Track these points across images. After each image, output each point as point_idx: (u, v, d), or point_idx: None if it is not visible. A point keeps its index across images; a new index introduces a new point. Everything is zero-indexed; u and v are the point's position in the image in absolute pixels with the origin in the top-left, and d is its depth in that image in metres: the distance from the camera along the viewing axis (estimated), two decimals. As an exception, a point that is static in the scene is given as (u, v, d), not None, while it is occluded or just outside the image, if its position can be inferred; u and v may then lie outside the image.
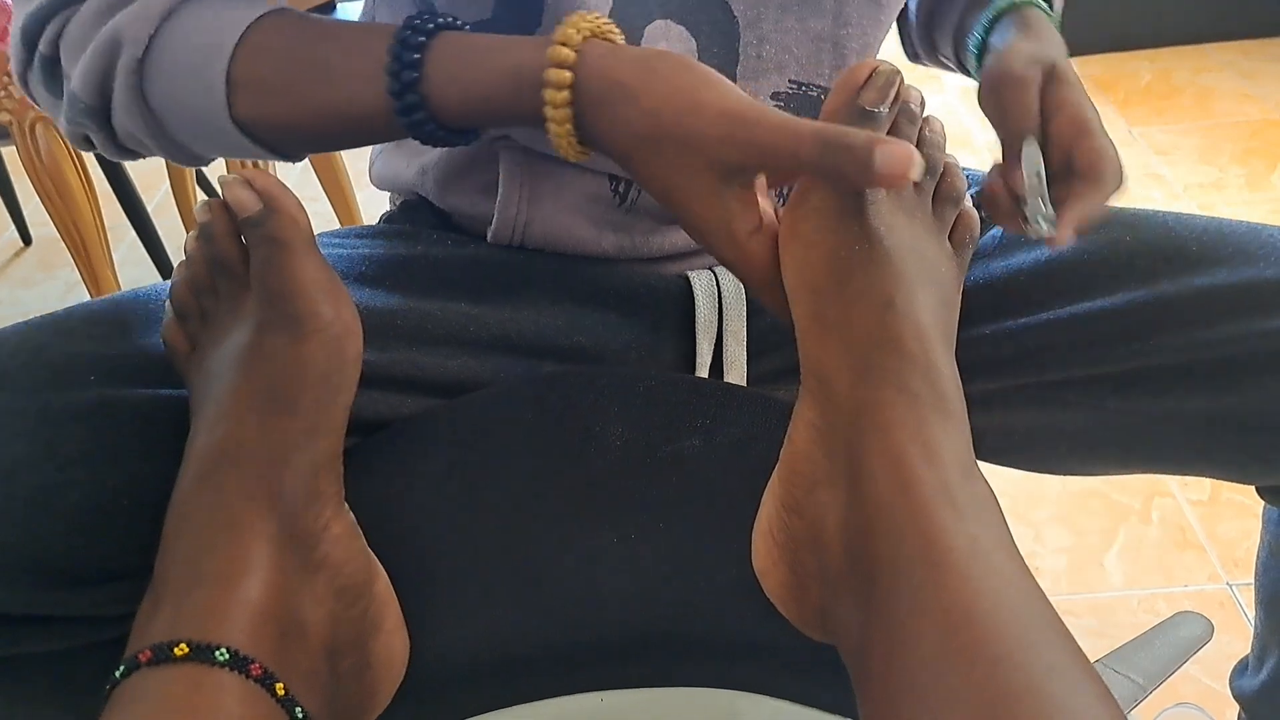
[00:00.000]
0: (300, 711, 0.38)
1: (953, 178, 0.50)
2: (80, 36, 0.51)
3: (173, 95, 0.51)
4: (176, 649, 0.36)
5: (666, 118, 0.44)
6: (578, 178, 0.62)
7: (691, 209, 0.46)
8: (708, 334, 0.65)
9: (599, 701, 0.49)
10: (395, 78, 0.47)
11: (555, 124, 0.46)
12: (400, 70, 0.47)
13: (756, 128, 0.43)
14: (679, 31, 0.57)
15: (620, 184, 0.63)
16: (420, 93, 0.48)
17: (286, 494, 0.42)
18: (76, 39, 0.51)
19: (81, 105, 0.52)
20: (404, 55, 0.47)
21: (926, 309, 0.45)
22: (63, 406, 0.47)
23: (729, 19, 0.58)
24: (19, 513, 0.44)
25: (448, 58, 0.48)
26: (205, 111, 0.51)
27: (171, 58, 0.50)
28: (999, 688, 0.32)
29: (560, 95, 0.45)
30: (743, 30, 0.59)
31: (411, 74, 0.47)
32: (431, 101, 0.48)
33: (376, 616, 0.44)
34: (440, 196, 0.66)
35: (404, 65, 0.47)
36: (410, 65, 0.47)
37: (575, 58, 0.46)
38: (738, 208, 0.45)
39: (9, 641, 0.45)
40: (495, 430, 0.55)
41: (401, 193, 0.70)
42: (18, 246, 2.11)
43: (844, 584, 0.40)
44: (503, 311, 0.61)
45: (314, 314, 0.45)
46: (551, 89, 0.46)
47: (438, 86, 0.48)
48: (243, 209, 0.46)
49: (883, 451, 0.40)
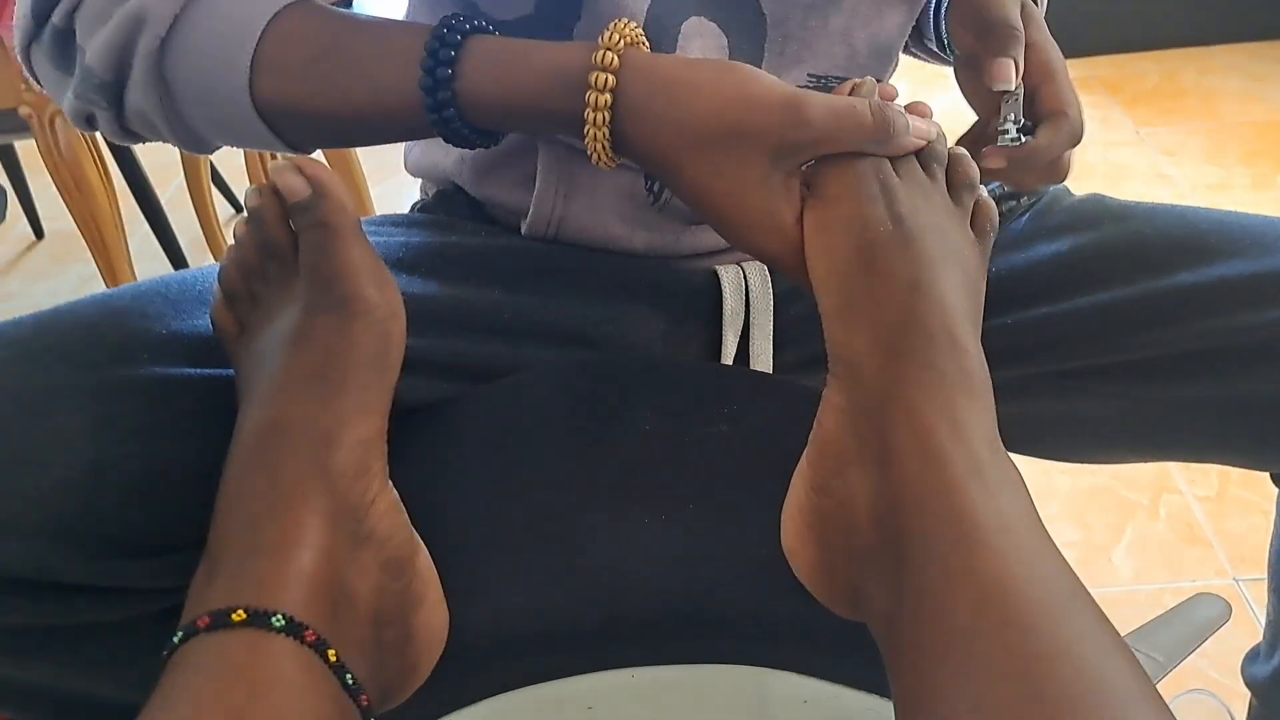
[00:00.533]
0: (350, 678, 0.39)
1: (963, 165, 0.52)
2: (99, 10, 0.50)
3: (194, 75, 0.51)
4: (234, 615, 0.37)
5: (730, 114, 0.46)
6: (615, 175, 0.63)
7: (739, 202, 0.47)
8: (733, 326, 0.66)
9: (630, 678, 0.50)
10: (429, 73, 0.48)
11: (593, 126, 0.47)
12: (435, 66, 0.48)
13: (818, 109, 0.46)
14: (712, 28, 0.59)
15: (655, 182, 0.64)
16: (453, 89, 0.48)
17: (336, 470, 0.43)
18: (95, 12, 0.51)
19: (95, 81, 0.52)
20: (440, 51, 0.48)
21: (952, 290, 0.46)
22: (118, 382, 0.48)
23: (758, 16, 0.60)
24: (77, 483, 0.45)
25: (485, 56, 0.49)
26: (226, 93, 0.51)
27: (196, 37, 0.50)
28: (1031, 654, 0.33)
29: (603, 98, 0.47)
30: (770, 28, 0.60)
31: (446, 70, 0.48)
32: (463, 99, 0.49)
33: (419, 591, 0.45)
34: (476, 186, 0.67)
35: (439, 61, 0.48)
36: (445, 61, 0.48)
37: (619, 61, 0.47)
38: (785, 193, 0.48)
39: (64, 610, 0.46)
40: (527, 414, 0.56)
41: (437, 182, 0.72)
42: (30, 240, 2.12)
43: (874, 561, 0.41)
44: (534, 300, 0.62)
45: (361, 297, 0.46)
46: (594, 90, 0.47)
47: (472, 84, 0.48)
48: (292, 194, 0.48)
49: (911, 430, 0.41)
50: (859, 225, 0.47)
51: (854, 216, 0.47)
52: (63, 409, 0.46)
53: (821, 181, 0.49)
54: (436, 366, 0.59)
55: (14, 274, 2.04)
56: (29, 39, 0.54)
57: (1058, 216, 0.68)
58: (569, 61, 0.48)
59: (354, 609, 0.41)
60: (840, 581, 0.44)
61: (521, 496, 0.52)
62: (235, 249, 0.51)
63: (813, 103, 0.46)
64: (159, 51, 0.50)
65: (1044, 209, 0.69)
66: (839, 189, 0.48)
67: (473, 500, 0.52)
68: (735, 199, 0.47)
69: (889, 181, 0.48)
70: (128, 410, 0.47)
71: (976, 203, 0.51)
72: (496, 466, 0.53)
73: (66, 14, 0.51)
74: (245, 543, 0.40)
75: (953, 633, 0.35)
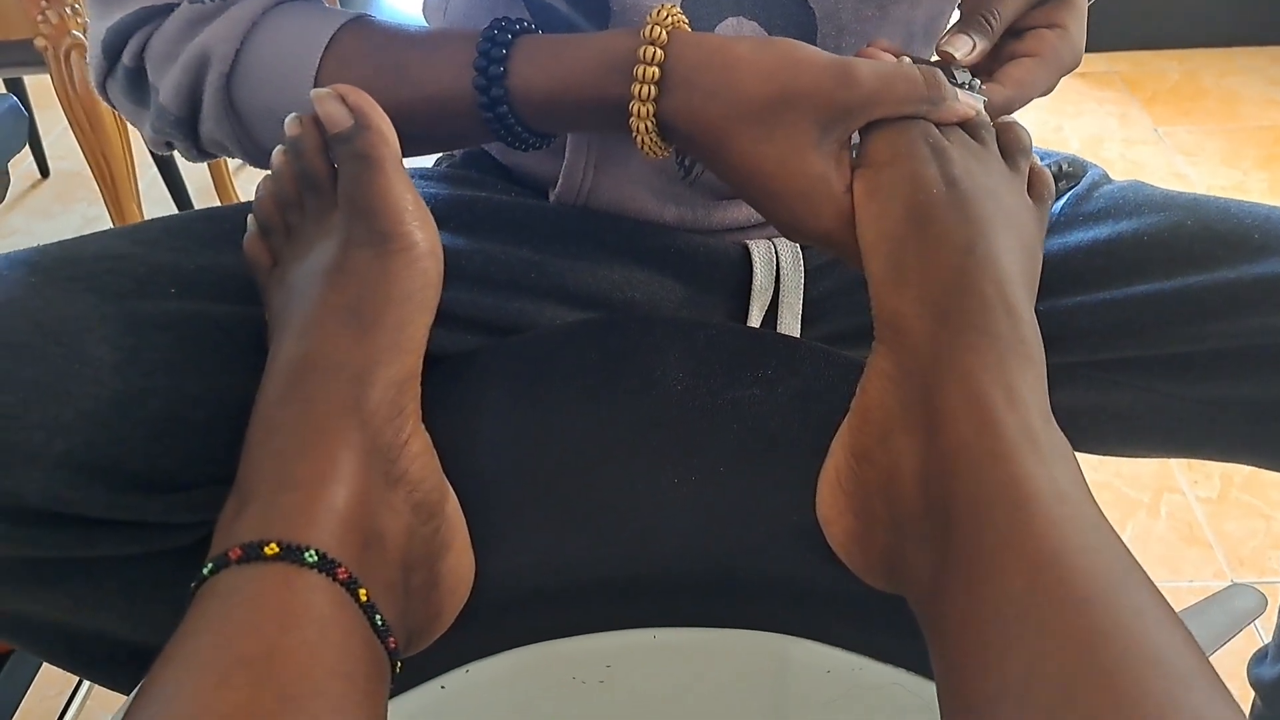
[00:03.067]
0: (380, 619, 0.38)
1: (1014, 132, 0.51)
2: (166, 52, 0.53)
3: (261, 105, 0.53)
4: (267, 548, 0.36)
5: (780, 77, 0.46)
6: None
7: (789, 169, 0.47)
8: (760, 300, 0.66)
9: (651, 638, 0.49)
10: (482, 72, 0.49)
11: (639, 102, 0.47)
12: (487, 65, 0.49)
13: (864, 70, 0.46)
14: (751, 28, 0.58)
15: (685, 157, 0.63)
16: (505, 85, 0.49)
17: (371, 407, 0.42)
18: (162, 54, 0.53)
19: (171, 117, 0.55)
20: (492, 50, 0.49)
21: (1007, 254, 0.45)
22: (145, 315, 0.47)
23: (805, 12, 0.58)
24: (103, 415, 0.44)
25: (536, 50, 0.49)
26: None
27: (259, 70, 0.53)
28: (1089, 626, 0.33)
29: (650, 70, 0.47)
30: (820, 22, 0.58)
31: (498, 68, 0.49)
32: (515, 95, 0.50)
33: (447, 536, 0.45)
34: (503, 152, 0.67)
35: (491, 60, 0.49)
36: (497, 59, 0.49)
37: (667, 36, 0.47)
38: (835, 160, 0.47)
39: (82, 543, 0.45)
40: (558, 367, 0.55)
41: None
42: (36, 178, 2.10)
43: (918, 529, 0.41)
44: (562, 261, 0.61)
45: (401, 233, 0.45)
46: (643, 64, 0.47)
47: (523, 79, 0.49)
48: (333, 124, 0.46)
49: (964, 396, 0.40)
50: (911, 187, 0.46)
51: (906, 178, 0.46)
52: (89, 339, 0.45)
53: (871, 147, 0.48)
54: (459, 319, 0.58)
55: (18, 210, 2.02)
56: (104, 76, 0.57)
57: (1096, 202, 0.67)
58: (617, 43, 0.48)
59: (384, 550, 0.41)
60: (878, 551, 0.44)
61: (550, 450, 0.51)
62: (271, 180, 0.50)
63: (861, 65, 0.46)
64: (226, 86, 0.53)
65: (1083, 194, 0.68)
66: (890, 152, 0.47)
67: (500, 451, 0.51)
68: (786, 166, 0.47)
69: (941, 144, 0.47)
70: (155, 343, 0.46)
71: (1032, 169, 0.50)
72: (525, 418, 0.52)
73: (135, 54, 0.54)
74: (278, 476, 0.39)
75: (1005, 601, 0.34)
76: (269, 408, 0.42)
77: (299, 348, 0.43)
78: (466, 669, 0.48)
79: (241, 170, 1.94)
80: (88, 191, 1.97)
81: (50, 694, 1.08)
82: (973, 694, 0.34)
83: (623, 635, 0.49)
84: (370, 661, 0.37)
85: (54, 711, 1.01)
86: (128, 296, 0.47)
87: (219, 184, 1.75)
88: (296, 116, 0.49)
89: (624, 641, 0.49)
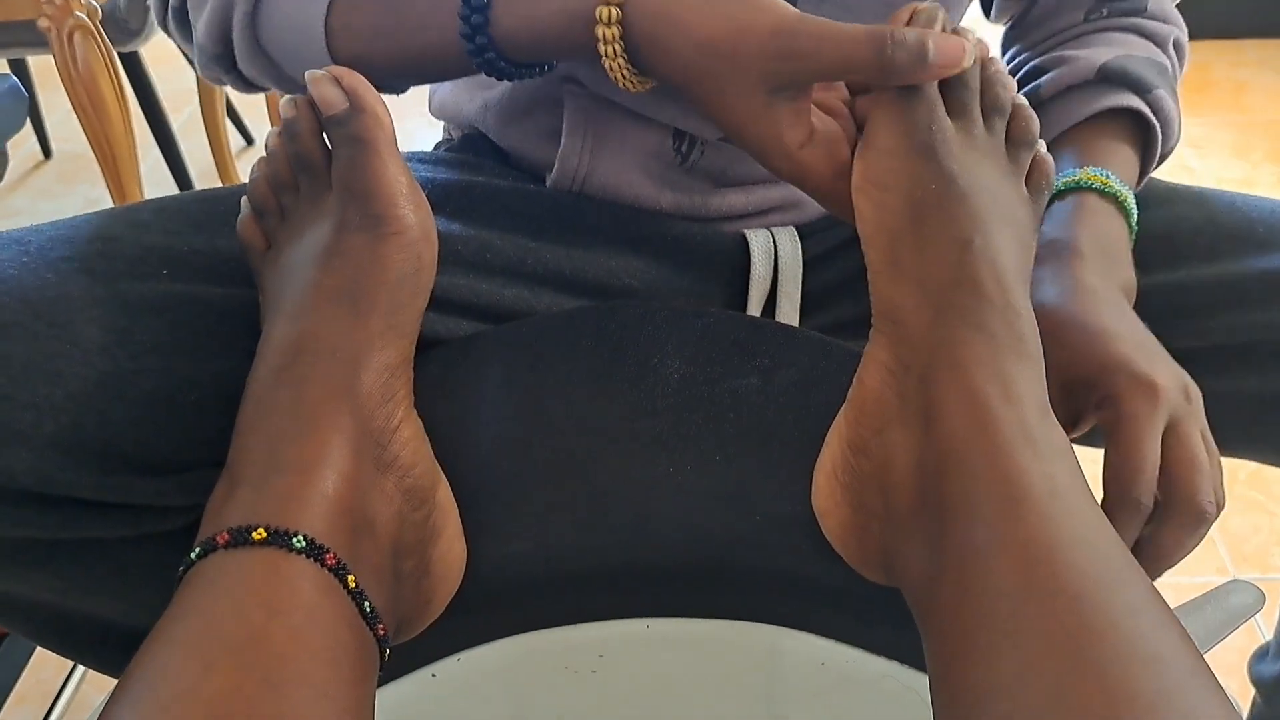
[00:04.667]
0: (369, 606, 0.38)
1: (1025, 120, 0.50)
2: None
3: (283, 44, 0.56)
4: (255, 533, 0.36)
5: (721, 47, 0.46)
6: (641, 132, 0.62)
7: (746, 129, 0.47)
8: (759, 290, 0.65)
9: (644, 628, 0.49)
10: (466, 21, 0.50)
11: (609, 58, 0.49)
12: (470, 14, 0.50)
13: (808, 39, 0.44)
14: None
15: (683, 143, 0.62)
16: (489, 34, 0.51)
17: (363, 392, 0.42)
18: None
19: (209, 54, 0.58)
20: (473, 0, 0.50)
21: (1004, 249, 0.44)
22: (137, 296, 0.46)
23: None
24: (93, 396, 0.43)
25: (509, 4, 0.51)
26: (312, 57, 0.55)
27: (278, 11, 0.56)
28: (1081, 623, 0.32)
29: (610, 30, 0.48)
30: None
31: (480, 17, 0.50)
32: (500, 42, 0.51)
33: (438, 523, 0.44)
34: (500, 135, 0.66)
35: (473, 9, 0.50)
36: (479, 9, 0.50)
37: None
38: (788, 121, 0.46)
39: (71, 525, 0.45)
40: (554, 353, 0.54)
41: (461, 127, 0.70)
42: (38, 159, 2.10)
43: (913, 523, 0.40)
44: (559, 248, 0.61)
45: (395, 216, 0.45)
46: (602, 25, 0.48)
47: (505, 30, 0.51)
48: (329, 107, 0.46)
49: (959, 390, 0.40)
50: (910, 180, 0.45)
51: (904, 171, 0.45)
52: (80, 320, 0.45)
53: (872, 131, 0.47)
54: (455, 305, 0.58)
55: (20, 191, 2.02)
56: (162, 15, 0.61)
57: None
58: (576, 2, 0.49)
59: (374, 536, 0.40)
60: (873, 544, 0.43)
61: (544, 437, 0.51)
62: (266, 162, 0.50)
63: (805, 32, 0.45)
64: (251, 25, 0.56)
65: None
66: (890, 141, 0.46)
67: (494, 438, 0.51)
68: (741, 122, 0.47)
69: (942, 135, 0.46)
70: (146, 325, 0.46)
71: (1034, 158, 0.50)
72: (520, 405, 0.52)
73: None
74: (268, 459, 0.39)
75: (998, 597, 0.34)
76: (260, 391, 0.42)
77: (291, 330, 0.43)
78: (458, 657, 0.48)
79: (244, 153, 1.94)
80: (90, 173, 1.97)
81: (46, 676, 1.08)
82: (964, 690, 0.34)
83: (616, 625, 0.49)
84: (358, 648, 0.37)
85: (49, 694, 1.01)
86: (120, 278, 0.47)
87: (221, 166, 1.74)
88: (291, 99, 0.48)
89: (617, 631, 0.49)
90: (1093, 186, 0.57)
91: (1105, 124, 0.61)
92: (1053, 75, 0.63)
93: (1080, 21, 0.67)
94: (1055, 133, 0.62)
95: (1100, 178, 0.57)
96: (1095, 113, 0.61)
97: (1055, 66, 0.63)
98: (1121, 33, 0.66)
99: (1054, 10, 0.68)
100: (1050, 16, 0.68)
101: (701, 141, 0.63)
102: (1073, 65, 0.62)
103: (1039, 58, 0.66)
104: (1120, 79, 0.61)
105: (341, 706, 0.34)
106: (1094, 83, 0.61)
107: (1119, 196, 0.57)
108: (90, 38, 1.29)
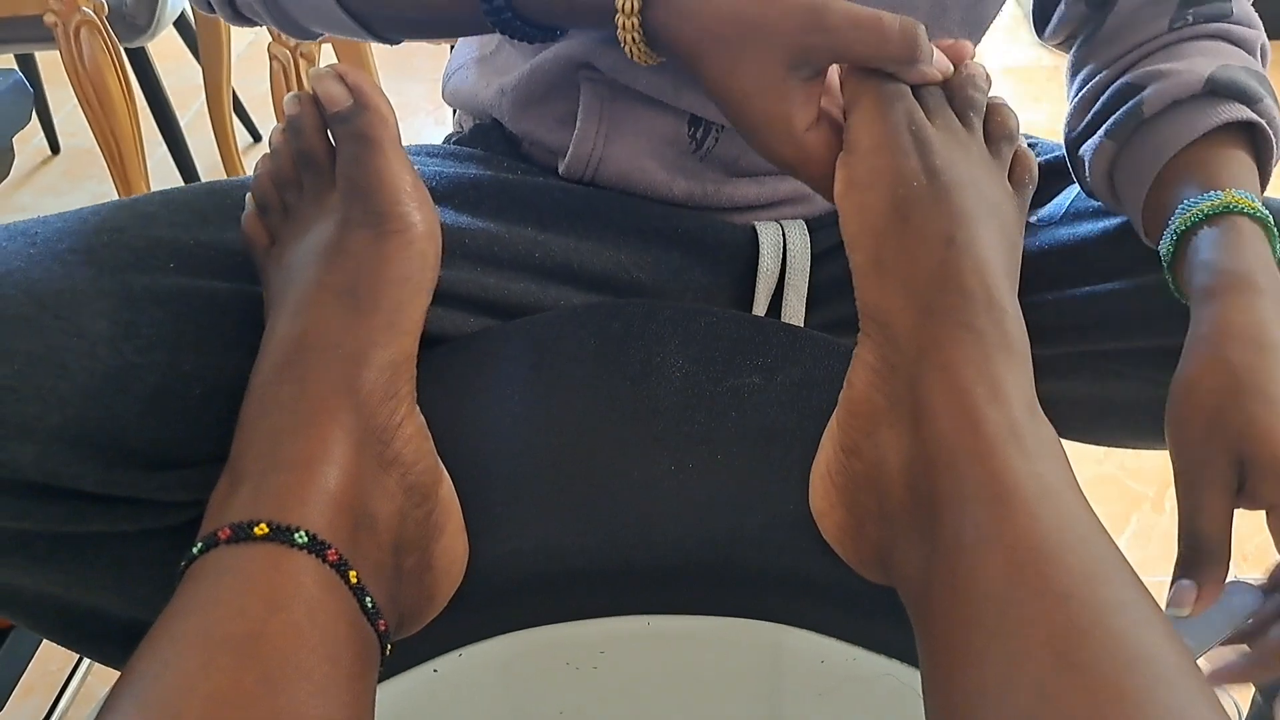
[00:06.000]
0: (370, 602, 0.38)
1: (1001, 115, 0.50)
2: None
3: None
4: (257, 528, 0.36)
5: (747, 13, 0.45)
6: (657, 118, 0.62)
7: (753, 103, 0.46)
8: (767, 283, 0.65)
9: (645, 625, 0.49)
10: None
11: (624, 15, 0.47)
12: None
13: (836, 15, 0.44)
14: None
15: (698, 130, 0.62)
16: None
17: (365, 389, 0.42)
18: None
19: None
20: None
21: (989, 246, 0.44)
22: (143, 289, 0.47)
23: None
24: (98, 389, 0.44)
25: None
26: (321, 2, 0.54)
27: None
28: (1067, 621, 0.32)
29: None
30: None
31: None
32: (517, 5, 0.50)
33: (440, 520, 0.44)
34: (515, 120, 0.66)
35: None
36: None
37: None
38: (800, 100, 0.46)
39: (75, 518, 0.45)
40: (558, 351, 0.55)
41: (475, 114, 0.70)
42: (46, 155, 2.10)
43: (905, 523, 0.40)
44: (568, 240, 0.61)
45: (398, 214, 0.45)
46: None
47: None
48: (332, 104, 0.46)
49: (947, 390, 0.40)
50: (892, 179, 0.45)
51: (887, 170, 0.45)
52: (86, 313, 0.45)
53: (853, 133, 0.47)
54: (462, 299, 0.58)
55: (27, 187, 2.02)
56: None
57: None
58: None
59: (375, 532, 0.40)
60: (869, 544, 0.43)
61: (547, 434, 0.51)
62: (270, 158, 0.50)
63: (835, 8, 0.45)
64: None
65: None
66: (871, 141, 0.46)
67: (497, 435, 0.51)
68: (750, 98, 0.46)
69: (923, 133, 0.46)
70: (152, 318, 0.46)
71: (1015, 154, 0.49)
72: (523, 403, 0.52)
73: None
74: (269, 456, 0.39)
75: (986, 598, 0.34)
76: (263, 386, 0.42)
77: (294, 327, 0.43)
78: (459, 653, 0.48)
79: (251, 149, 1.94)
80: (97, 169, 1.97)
81: (53, 668, 1.08)
82: (953, 691, 0.34)
83: (617, 622, 0.49)
84: (359, 644, 0.37)
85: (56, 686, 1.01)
86: (126, 270, 0.47)
87: (227, 162, 1.74)
88: (295, 95, 0.48)
89: (618, 628, 0.49)
90: (1244, 211, 0.52)
91: (1221, 139, 0.56)
92: (1154, 90, 0.58)
93: (1165, 31, 0.62)
94: (1170, 151, 0.57)
95: (1247, 200, 0.52)
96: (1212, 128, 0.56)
97: (1153, 81, 0.58)
98: (1211, 40, 0.61)
99: (1131, 21, 0.63)
100: (1127, 29, 0.63)
101: (717, 129, 0.63)
102: (1175, 79, 0.57)
103: (1127, 73, 0.61)
104: (1229, 90, 0.56)
105: (341, 701, 0.34)
106: (1202, 96, 0.57)
107: (1265, 220, 0.53)
108: (97, 33, 1.29)
